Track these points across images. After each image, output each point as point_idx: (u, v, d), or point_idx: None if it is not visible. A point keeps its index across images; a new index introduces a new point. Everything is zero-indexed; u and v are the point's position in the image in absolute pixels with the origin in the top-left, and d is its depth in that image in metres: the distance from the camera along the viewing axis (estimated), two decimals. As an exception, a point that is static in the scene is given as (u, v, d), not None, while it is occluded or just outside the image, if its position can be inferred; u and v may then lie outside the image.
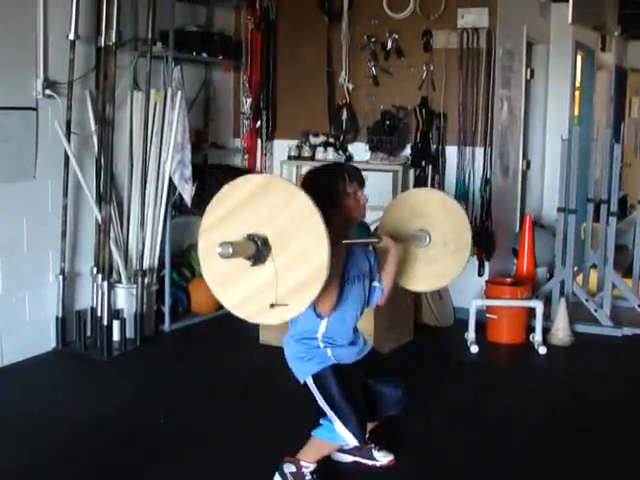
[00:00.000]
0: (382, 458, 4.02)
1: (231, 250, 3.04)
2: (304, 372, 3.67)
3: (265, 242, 3.12)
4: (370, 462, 4.02)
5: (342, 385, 3.61)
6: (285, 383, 3.82)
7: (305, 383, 3.68)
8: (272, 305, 3.12)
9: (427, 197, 4.39)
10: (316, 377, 3.64)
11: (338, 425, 3.60)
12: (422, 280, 4.23)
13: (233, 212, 3.20)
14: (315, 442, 3.76)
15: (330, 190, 3.59)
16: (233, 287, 3.24)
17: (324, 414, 3.66)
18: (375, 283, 3.83)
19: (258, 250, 3.12)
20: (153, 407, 4.82)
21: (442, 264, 4.16)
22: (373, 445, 4.04)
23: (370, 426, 3.82)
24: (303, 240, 3.10)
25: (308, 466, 3.74)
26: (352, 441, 3.63)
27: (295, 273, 3.11)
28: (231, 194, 3.23)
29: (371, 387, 3.79)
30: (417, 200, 4.28)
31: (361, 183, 3.71)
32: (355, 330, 3.78)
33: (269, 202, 3.16)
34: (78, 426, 4.49)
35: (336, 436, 3.64)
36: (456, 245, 4.14)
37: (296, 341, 3.69)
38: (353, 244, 3.71)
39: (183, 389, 5.12)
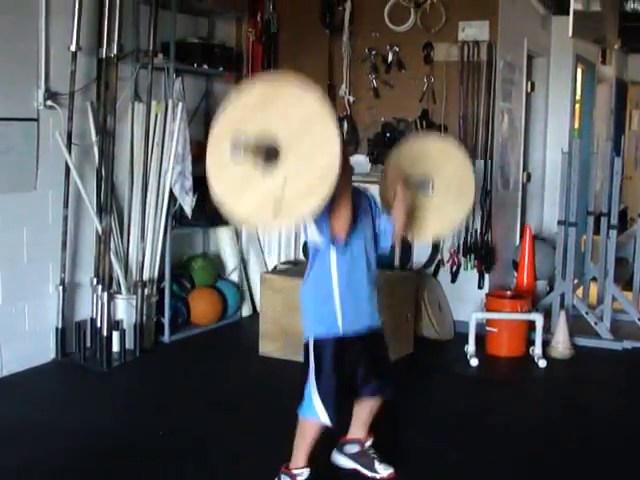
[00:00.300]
0: (383, 471, 3.99)
1: (242, 151, 3.05)
2: (310, 329, 3.73)
3: (275, 144, 3.12)
4: (370, 474, 3.99)
5: (337, 363, 3.67)
6: (284, 395, 3.82)
7: (306, 342, 3.73)
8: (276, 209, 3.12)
9: (428, 145, 4.32)
10: (318, 341, 3.69)
11: (316, 399, 3.66)
12: (429, 229, 4.20)
13: (242, 119, 3.19)
14: (298, 431, 3.78)
15: None
16: (245, 196, 3.21)
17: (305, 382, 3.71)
18: (382, 220, 3.81)
19: (268, 152, 3.12)
20: (152, 418, 4.81)
21: (446, 210, 4.14)
22: (376, 456, 4.03)
23: (360, 423, 3.92)
24: (313, 140, 3.10)
25: (302, 473, 3.76)
26: (325, 419, 3.67)
27: (305, 174, 3.11)
28: (239, 100, 3.23)
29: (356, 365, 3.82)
30: (418, 149, 4.24)
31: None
32: (370, 300, 3.78)
33: (279, 105, 3.15)
34: (77, 436, 4.47)
35: (312, 410, 3.68)
36: (459, 190, 4.12)
37: (314, 280, 3.71)
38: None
39: (182, 400, 5.10)
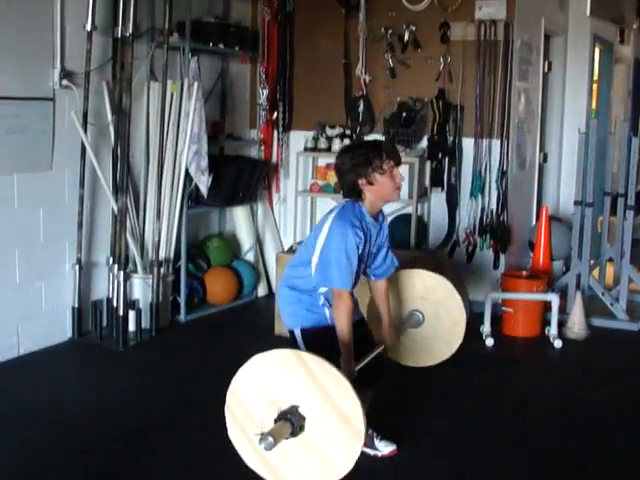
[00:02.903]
0: (384, 448, 3.99)
1: (272, 440, 3.10)
2: (297, 320, 3.72)
3: (299, 416, 3.19)
4: (372, 452, 3.97)
5: (330, 348, 3.60)
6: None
7: (291, 331, 3.72)
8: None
9: (433, 282, 4.52)
10: (305, 331, 3.69)
11: None
12: (435, 355, 4.57)
13: (257, 395, 3.32)
14: None
15: (365, 164, 3.59)
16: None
17: None
18: (389, 255, 3.93)
19: (293, 426, 3.18)
20: (168, 397, 4.84)
21: (444, 337, 4.48)
22: (375, 434, 4.00)
23: None
24: (332, 416, 3.15)
25: None
26: None
27: (324, 447, 3.18)
28: (250, 377, 3.40)
29: None
30: (423, 284, 4.49)
31: (397, 161, 3.70)
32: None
33: (293, 374, 3.21)
34: (92, 415, 4.51)
35: None
36: (452, 320, 4.43)
37: (292, 290, 3.74)
38: (363, 363, 3.76)
39: (198, 380, 5.13)
